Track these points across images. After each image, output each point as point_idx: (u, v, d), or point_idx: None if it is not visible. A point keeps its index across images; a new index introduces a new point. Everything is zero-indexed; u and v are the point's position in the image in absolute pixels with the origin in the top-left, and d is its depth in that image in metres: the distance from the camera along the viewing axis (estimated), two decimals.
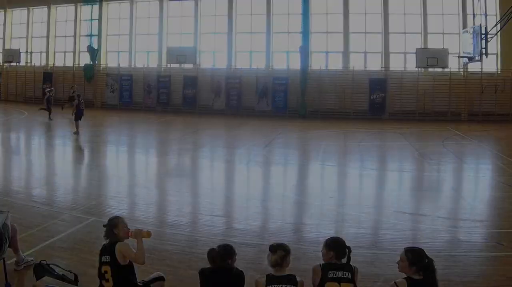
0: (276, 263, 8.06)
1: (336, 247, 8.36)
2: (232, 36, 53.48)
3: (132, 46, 57.35)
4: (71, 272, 10.11)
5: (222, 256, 8.36)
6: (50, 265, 10.13)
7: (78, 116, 34.52)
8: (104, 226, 9.25)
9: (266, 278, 7.97)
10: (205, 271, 8.38)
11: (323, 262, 8.32)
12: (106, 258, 8.85)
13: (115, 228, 9.07)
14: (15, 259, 11.24)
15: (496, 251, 13.08)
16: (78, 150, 30.73)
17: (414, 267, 7.83)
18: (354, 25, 51.02)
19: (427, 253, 8.02)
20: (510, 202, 18.46)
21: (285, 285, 7.86)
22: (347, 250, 8.38)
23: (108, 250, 8.92)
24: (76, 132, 33.92)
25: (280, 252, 8.10)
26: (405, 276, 7.93)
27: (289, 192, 20.32)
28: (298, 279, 8.05)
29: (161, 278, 9.47)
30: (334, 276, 8.01)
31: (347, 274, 8.05)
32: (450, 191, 20.92)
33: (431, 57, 46.42)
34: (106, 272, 8.78)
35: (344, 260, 8.32)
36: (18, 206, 16.18)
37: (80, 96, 37.53)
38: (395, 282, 7.84)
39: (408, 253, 7.97)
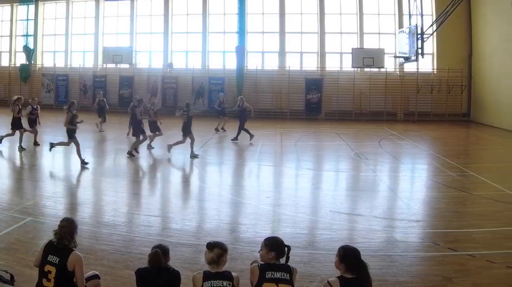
0: (213, 261, 7.71)
1: (277, 247, 7.92)
2: (168, 36, 50.46)
3: (68, 46, 53.37)
4: (7, 272, 9.74)
5: (165, 257, 7.95)
6: None
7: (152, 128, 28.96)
8: (63, 225, 8.38)
9: (203, 274, 7.63)
10: (141, 271, 7.98)
11: (261, 263, 7.90)
12: (54, 259, 8.14)
13: (75, 231, 8.50)
14: None
15: (432, 251, 12.71)
16: (16, 150, 27.64)
17: (343, 265, 7.52)
18: (290, 25, 48.62)
19: (364, 253, 7.80)
20: (446, 202, 17.90)
21: (221, 281, 7.54)
22: (286, 249, 7.98)
23: (60, 252, 8.19)
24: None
25: (217, 250, 7.73)
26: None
27: (225, 192, 19.37)
28: (233, 274, 7.73)
29: (96, 276, 8.85)
30: (272, 276, 7.67)
31: (285, 275, 7.69)
32: (386, 191, 20.02)
33: (367, 57, 44.14)
34: (50, 272, 8.11)
35: (283, 260, 7.94)
36: None
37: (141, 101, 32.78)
38: (328, 281, 7.51)
39: (341, 250, 7.68)
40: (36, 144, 28.17)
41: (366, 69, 46.19)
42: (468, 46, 45.31)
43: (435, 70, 45.97)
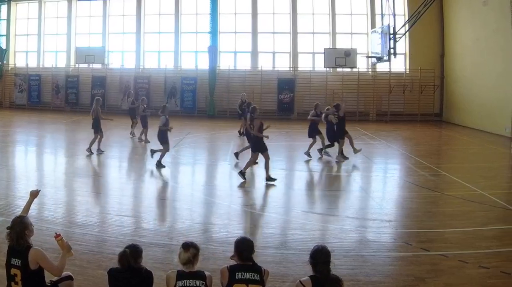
0: (188, 261, 7.55)
1: (238, 248, 7.77)
2: (141, 36, 48.98)
3: (41, 46, 51.80)
4: None
5: (134, 257, 7.68)
6: None
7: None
8: (9, 228, 8.05)
9: (177, 273, 7.49)
10: (113, 271, 7.77)
11: (231, 264, 7.75)
12: (16, 262, 7.88)
13: (27, 229, 8.01)
14: None
15: (404, 251, 12.51)
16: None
17: (310, 263, 7.46)
18: (262, 25, 47.54)
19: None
20: (418, 202, 17.63)
21: (194, 280, 7.43)
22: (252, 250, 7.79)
23: (19, 254, 7.88)
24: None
25: (192, 250, 7.60)
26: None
27: (197, 192, 19.06)
28: (206, 273, 7.62)
29: (69, 278, 8.60)
30: (242, 277, 7.54)
31: (255, 276, 7.56)
32: (358, 191, 19.78)
33: (339, 57, 43.37)
34: (16, 275, 7.88)
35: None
36: None
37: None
38: (300, 281, 7.39)
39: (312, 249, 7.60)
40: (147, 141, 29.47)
41: (339, 69, 45.37)
42: (440, 46, 44.89)
43: (407, 70, 45.29)
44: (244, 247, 7.76)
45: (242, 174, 19.93)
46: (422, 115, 44.32)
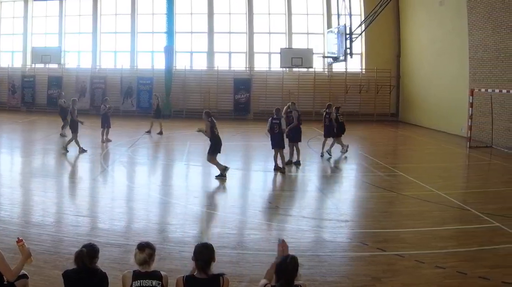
0: (144, 261, 7.12)
1: (194, 254, 7.12)
2: (97, 36, 46.70)
3: None
4: None
5: (91, 257, 7.23)
6: None
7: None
8: None
9: (133, 273, 7.05)
10: (69, 272, 7.26)
11: (188, 275, 7.15)
12: None
13: None
14: None
15: (360, 251, 12.26)
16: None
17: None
18: (218, 25, 46.09)
19: (292, 253, 7.03)
20: (374, 202, 17.38)
21: (150, 280, 7.02)
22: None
23: None
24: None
25: (148, 250, 7.18)
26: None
27: (154, 192, 18.40)
28: (162, 273, 7.18)
29: (24, 276, 8.10)
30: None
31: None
32: (315, 191, 19.30)
33: (295, 57, 42.26)
34: None
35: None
36: None
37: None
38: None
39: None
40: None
41: (295, 69, 44.21)
42: (396, 47, 44.14)
43: (363, 70, 44.30)
44: (199, 256, 7.08)
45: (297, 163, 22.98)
46: (378, 115, 43.34)
